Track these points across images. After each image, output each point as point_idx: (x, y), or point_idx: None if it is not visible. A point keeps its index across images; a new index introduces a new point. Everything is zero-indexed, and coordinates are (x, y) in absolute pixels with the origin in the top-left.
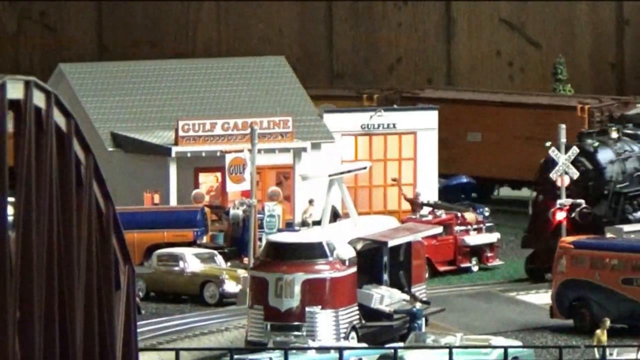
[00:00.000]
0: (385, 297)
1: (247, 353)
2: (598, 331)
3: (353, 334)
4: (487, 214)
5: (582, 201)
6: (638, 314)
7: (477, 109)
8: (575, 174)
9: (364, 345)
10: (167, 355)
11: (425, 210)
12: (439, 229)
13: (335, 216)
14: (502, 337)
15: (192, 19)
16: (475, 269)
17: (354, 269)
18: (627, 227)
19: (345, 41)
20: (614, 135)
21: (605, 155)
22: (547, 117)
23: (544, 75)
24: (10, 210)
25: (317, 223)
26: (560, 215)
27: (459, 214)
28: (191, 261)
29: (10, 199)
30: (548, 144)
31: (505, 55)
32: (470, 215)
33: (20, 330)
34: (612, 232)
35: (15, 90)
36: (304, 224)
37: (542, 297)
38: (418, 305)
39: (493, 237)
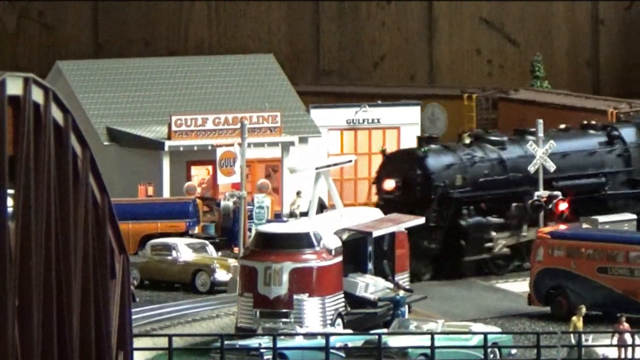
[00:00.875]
0: (370, 285)
1: (237, 339)
2: (574, 318)
3: (339, 320)
4: None
5: (558, 193)
6: (612, 302)
7: (540, 110)
8: (552, 167)
9: (350, 331)
10: (160, 341)
11: None
12: (422, 220)
13: (321, 207)
14: (482, 323)
15: (184, 18)
16: None
17: (339, 258)
18: (602, 218)
19: (331, 40)
20: (467, 141)
21: (437, 161)
22: (580, 120)
23: (522, 73)
24: (10, 201)
25: (305, 214)
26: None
27: None
28: (183, 251)
29: (10, 191)
30: (384, 148)
31: (485, 53)
32: None
33: (19, 316)
34: (587, 223)
35: (14, 86)
36: (291, 215)
37: (520, 285)
38: (401, 293)
39: None
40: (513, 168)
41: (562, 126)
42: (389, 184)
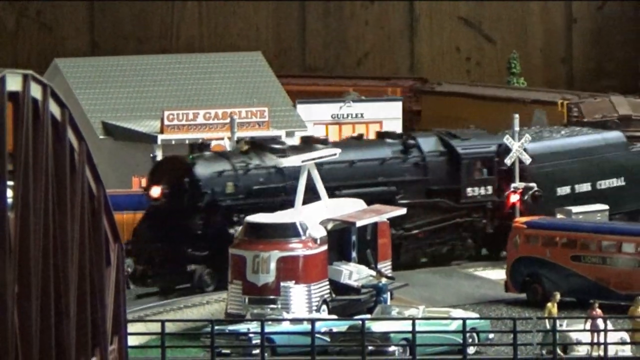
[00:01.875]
0: (354, 273)
1: (227, 324)
2: (549, 304)
3: (324, 306)
4: None
5: (534, 185)
6: (586, 289)
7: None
8: (528, 160)
9: (334, 317)
10: (153, 326)
11: None
12: (403, 210)
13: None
14: (461, 309)
15: (176, 17)
16: None
17: (324, 247)
18: (575, 209)
19: (317, 38)
20: (244, 148)
21: (206, 169)
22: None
23: (499, 70)
24: (9, 193)
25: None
26: (514, 198)
27: None
28: None
29: (10, 183)
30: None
31: (464, 51)
32: None
33: (19, 303)
34: (562, 213)
35: (14, 83)
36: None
37: (497, 273)
38: (384, 280)
39: None
40: (292, 176)
41: (355, 134)
42: (155, 191)
